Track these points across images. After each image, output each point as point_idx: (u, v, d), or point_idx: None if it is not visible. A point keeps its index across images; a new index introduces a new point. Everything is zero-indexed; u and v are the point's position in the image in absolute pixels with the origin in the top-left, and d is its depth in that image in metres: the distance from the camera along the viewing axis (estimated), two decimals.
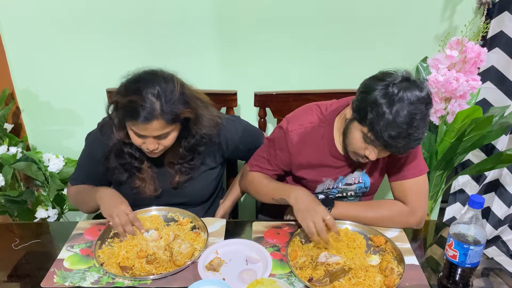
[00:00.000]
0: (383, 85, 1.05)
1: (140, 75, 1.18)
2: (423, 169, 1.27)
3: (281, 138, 1.31)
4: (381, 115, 1.04)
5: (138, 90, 1.13)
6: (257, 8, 1.72)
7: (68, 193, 1.44)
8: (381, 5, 1.72)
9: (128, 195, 1.29)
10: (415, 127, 1.04)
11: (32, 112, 1.95)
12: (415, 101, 1.03)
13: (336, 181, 1.34)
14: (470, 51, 1.55)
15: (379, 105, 1.04)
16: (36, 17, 1.74)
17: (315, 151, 1.30)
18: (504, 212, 1.89)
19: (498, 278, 1.13)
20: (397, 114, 1.03)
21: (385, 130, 1.04)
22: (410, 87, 1.04)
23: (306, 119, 1.30)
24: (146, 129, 1.14)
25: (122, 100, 1.15)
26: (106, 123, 1.31)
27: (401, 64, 1.80)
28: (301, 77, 1.84)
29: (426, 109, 1.05)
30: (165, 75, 1.18)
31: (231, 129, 1.40)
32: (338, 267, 1.09)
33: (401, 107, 1.03)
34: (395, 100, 1.03)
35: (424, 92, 1.05)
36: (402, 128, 1.03)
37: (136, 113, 1.11)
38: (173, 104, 1.14)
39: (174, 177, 1.34)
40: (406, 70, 1.10)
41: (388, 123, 1.04)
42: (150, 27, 1.75)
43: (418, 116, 1.03)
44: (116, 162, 1.31)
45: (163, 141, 1.20)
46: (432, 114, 1.70)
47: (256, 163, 1.38)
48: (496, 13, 1.67)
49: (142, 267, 1.11)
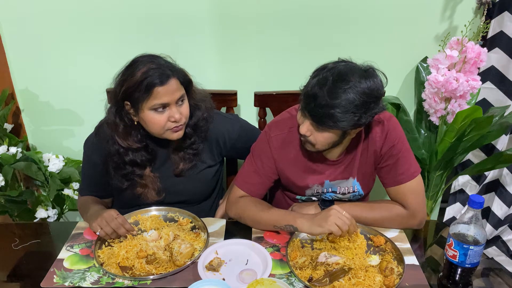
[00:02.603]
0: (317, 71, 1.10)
1: (135, 58, 1.21)
2: (416, 171, 1.25)
3: (264, 145, 1.30)
4: (306, 84, 1.09)
5: (143, 64, 1.17)
6: (257, 7, 1.72)
7: (77, 205, 1.45)
8: (381, 5, 1.72)
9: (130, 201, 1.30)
10: (326, 91, 1.03)
11: (32, 112, 1.95)
12: (338, 72, 1.04)
13: (324, 186, 1.31)
14: (470, 51, 1.55)
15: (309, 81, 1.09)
16: (36, 17, 1.74)
17: (297, 155, 1.28)
18: (504, 212, 1.89)
19: (498, 278, 1.13)
20: (313, 78, 1.07)
21: (303, 93, 1.09)
22: (340, 62, 1.08)
23: (285, 124, 1.29)
24: (167, 92, 1.17)
25: (132, 81, 1.16)
26: (102, 126, 1.31)
27: (401, 64, 1.84)
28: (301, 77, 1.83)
29: (352, 82, 1.03)
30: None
31: (229, 127, 1.40)
32: (338, 267, 1.09)
33: (318, 73, 1.07)
34: (320, 69, 1.08)
35: (353, 69, 1.05)
36: (314, 89, 1.05)
37: (152, 80, 1.15)
38: (176, 66, 1.22)
39: (178, 165, 1.34)
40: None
41: (306, 86, 1.08)
42: (150, 27, 1.75)
43: (330, 80, 1.03)
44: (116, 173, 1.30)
45: (183, 109, 1.22)
46: (432, 114, 1.70)
47: (245, 181, 1.33)
48: (496, 13, 1.67)
49: (142, 267, 1.11)
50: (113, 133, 1.25)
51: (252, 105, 1.73)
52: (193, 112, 1.30)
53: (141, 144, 1.28)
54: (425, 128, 1.82)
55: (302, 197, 1.37)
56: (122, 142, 1.25)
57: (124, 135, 1.25)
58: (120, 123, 1.24)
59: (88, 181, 1.41)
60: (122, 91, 1.18)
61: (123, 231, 1.20)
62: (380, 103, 1.08)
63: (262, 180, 1.32)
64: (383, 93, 1.09)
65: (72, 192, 1.83)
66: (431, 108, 1.68)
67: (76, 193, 1.82)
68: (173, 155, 1.34)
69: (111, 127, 1.25)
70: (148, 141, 1.31)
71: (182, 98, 1.22)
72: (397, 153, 1.23)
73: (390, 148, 1.23)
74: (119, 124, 1.24)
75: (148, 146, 1.31)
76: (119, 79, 1.20)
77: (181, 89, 1.21)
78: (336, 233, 1.10)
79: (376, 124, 1.23)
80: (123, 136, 1.25)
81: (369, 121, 1.10)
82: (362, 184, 1.32)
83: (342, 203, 1.30)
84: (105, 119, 1.28)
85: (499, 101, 1.78)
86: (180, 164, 1.34)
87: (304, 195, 1.36)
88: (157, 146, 1.33)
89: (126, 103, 1.21)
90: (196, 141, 1.34)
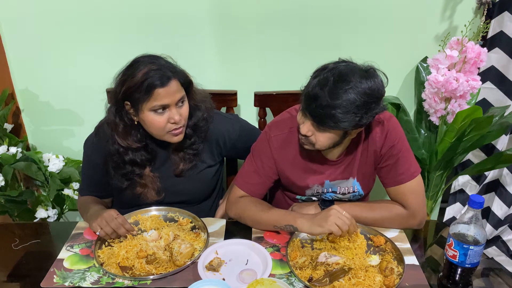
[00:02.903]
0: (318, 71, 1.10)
1: (135, 58, 1.21)
2: (416, 171, 1.25)
3: (264, 145, 1.30)
4: (307, 84, 1.09)
5: (144, 64, 1.17)
6: (257, 7, 1.72)
7: (77, 205, 1.45)
8: (381, 5, 1.72)
9: (129, 201, 1.30)
10: (327, 91, 1.03)
11: (32, 112, 1.95)
12: (339, 73, 1.04)
13: (324, 186, 1.31)
14: (470, 51, 1.55)
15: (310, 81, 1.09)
16: (36, 17, 1.74)
17: (296, 155, 1.29)
18: (504, 212, 1.89)
19: (498, 278, 1.13)
20: (314, 78, 1.07)
21: (304, 93, 1.09)
22: (340, 63, 1.08)
23: (285, 124, 1.29)
24: (167, 94, 1.17)
25: (133, 82, 1.16)
26: (102, 126, 1.31)
27: (401, 64, 1.84)
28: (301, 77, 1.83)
29: (353, 82, 1.03)
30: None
31: (229, 127, 1.40)
32: (338, 267, 1.09)
33: (318, 74, 1.07)
34: (320, 69, 1.08)
35: (354, 69, 1.05)
36: (315, 90, 1.05)
37: (152, 81, 1.15)
38: (177, 67, 1.22)
39: (178, 166, 1.34)
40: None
41: (307, 86, 1.08)
42: (150, 27, 1.75)
43: (331, 80, 1.03)
44: (116, 172, 1.30)
45: (182, 110, 1.22)
46: (432, 114, 1.70)
47: (245, 181, 1.33)
48: (496, 13, 1.67)
49: (142, 267, 1.11)
50: (113, 132, 1.25)
51: (252, 105, 1.73)
52: (193, 112, 1.30)
53: (141, 143, 1.28)
54: (425, 128, 1.82)
55: (302, 197, 1.37)
56: (121, 142, 1.25)
57: (124, 135, 1.25)
58: (120, 122, 1.24)
59: (88, 181, 1.41)
60: (123, 91, 1.18)
61: (123, 231, 1.20)
62: (380, 103, 1.08)
63: (262, 180, 1.32)
64: (383, 93, 1.09)
65: (72, 192, 1.83)
66: (431, 108, 1.68)
67: (76, 193, 1.82)
68: (173, 156, 1.34)
69: (111, 127, 1.25)
70: (148, 141, 1.31)
71: (182, 99, 1.22)
72: (397, 153, 1.23)
73: (390, 148, 1.23)
74: (119, 123, 1.24)
75: (148, 145, 1.31)
76: (120, 79, 1.20)
77: (181, 91, 1.21)
78: (336, 233, 1.10)
79: (376, 124, 1.23)
80: (122, 136, 1.25)
81: (370, 121, 1.10)
82: (362, 184, 1.32)
83: (342, 203, 1.30)
84: (105, 119, 1.28)
85: (499, 101, 1.78)
86: (180, 164, 1.34)
87: (304, 195, 1.35)
88: (157, 146, 1.33)
89: (126, 103, 1.21)
90: (196, 141, 1.34)
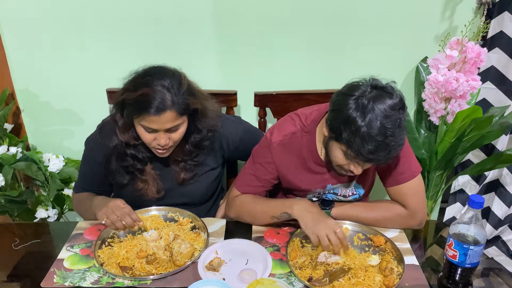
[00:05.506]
0: (353, 100, 1.02)
1: (148, 70, 1.20)
2: (416, 170, 1.25)
3: (265, 149, 1.29)
4: (355, 132, 1.01)
5: (148, 83, 1.15)
6: (257, 8, 1.72)
7: (73, 201, 1.45)
8: (381, 5, 1.72)
9: (130, 198, 1.30)
10: (391, 136, 1.01)
11: (32, 112, 1.95)
12: (387, 110, 1.00)
13: (326, 189, 1.31)
14: (470, 51, 1.55)
15: (352, 122, 1.01)
16: (36, 17, 1.74)
17: (299, 160, 1.28)
18: (504, 212, 1.89)
19: (498, 278, 1.13)
20: (371, 127, 1.00)
21: (362, 146, 1.01)
22: (380, 96, 1.01)
23: (287, 129, 1.28)
24: (158, 121, 1.15)
25: (131, 95, 1.15)
26: (105, 124, 1.32)
27: (401, 64, 1.84)
28: (301, 77, 1.84)
29: (399, 114, 1.02)
30: (171, 69, 1.21)
31: (232, 129, 1.40)
32: (338, 267, 1.09)
33: (373, 119, 1.00)
34: (366, 113, 1.00)
35: (395, 98, 1.02)
36: (378, 141, 1.00)
37: (148, 105, 1.13)
38: (183, 95, 1.17)
39: (179, 175, 1.34)
40: (372, 77, 1.07)
41: (363, 138, 1.00)
42: (150, 28, 1.75)
43: (390, 124, 1.00)
44: (118, 165, 1.31)
45: (174, 135, 1.21)
46: (432, 114, 1.70)
47: (244, 184, 1.33)
48: (496, 13, 1.67)
49: (142, 267, 1.11)
50: (115, 127, 1.26)
51: (252, 105, 1.73)
52: (197, 133, 1.29)
53: (138, 141, 1.28)
54: (425, 128, 1.82)
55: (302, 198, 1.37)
56: (121, 137, 1.26)
57: (123, 130, 1.26)
58: (120, 119, 1.24)
59: (86, 179, 1.41)
60: (121, 98, 1.19)
61: (129, 220, 1.19)
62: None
63: (262, 184, 1.32)
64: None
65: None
66: (431, 108, 1.68)
67: None
68: (173, 166, 1.35)
69: (113, 121, 1.26)
70: None
71: (176, 127, 1.20)
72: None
73: None
74: (118, 120, 1.25)
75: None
76: (125, 85, 1.20)
77: (175, 120, 1.17)
78: (324, 248, 1.11)
79: None
80: (121, 131, 1.26)
81: None
82: (363, 185, 1.33)
83: (342, 203, 1.30)
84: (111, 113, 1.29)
85: (499, 101, 1.77)
86: (181, 173, 1.34)
87: (305, 197, 1.36)
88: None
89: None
90: (198, 154, 1.34)
